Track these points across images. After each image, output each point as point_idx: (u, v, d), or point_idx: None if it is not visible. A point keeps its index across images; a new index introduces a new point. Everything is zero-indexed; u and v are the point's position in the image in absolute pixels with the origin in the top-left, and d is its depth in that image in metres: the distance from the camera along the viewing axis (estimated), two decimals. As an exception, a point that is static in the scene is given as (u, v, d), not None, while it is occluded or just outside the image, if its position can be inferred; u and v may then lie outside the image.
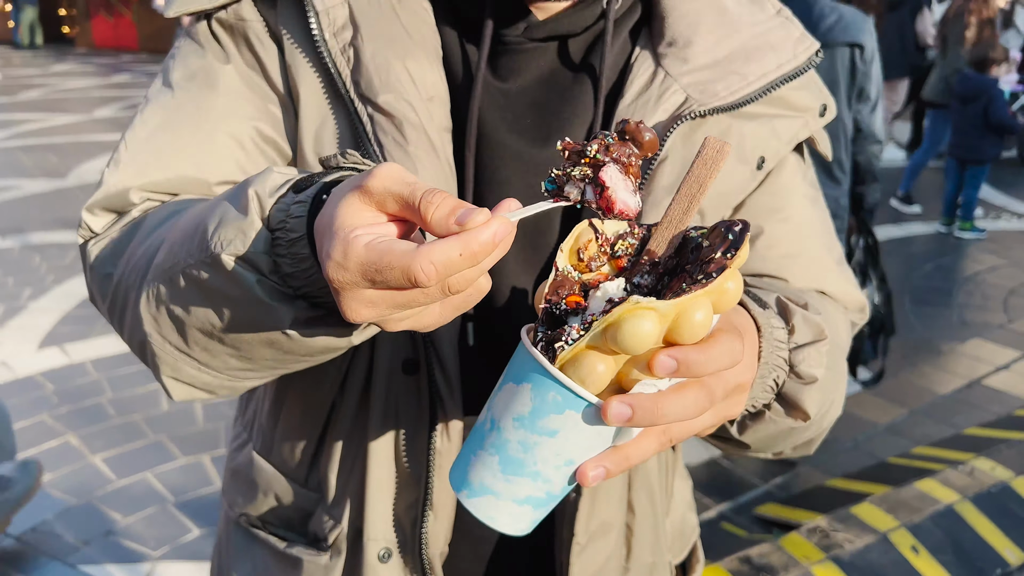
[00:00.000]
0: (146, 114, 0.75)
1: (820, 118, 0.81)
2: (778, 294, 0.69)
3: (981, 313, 4.46)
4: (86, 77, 12.97)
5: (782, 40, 0.77)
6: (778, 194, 0.81)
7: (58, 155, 7.65)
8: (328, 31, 0.70)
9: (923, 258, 5.30)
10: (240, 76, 0.74)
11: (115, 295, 0.69)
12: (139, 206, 0.73)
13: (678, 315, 0.47)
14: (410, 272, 0.44)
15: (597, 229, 0.55)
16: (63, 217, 5.81)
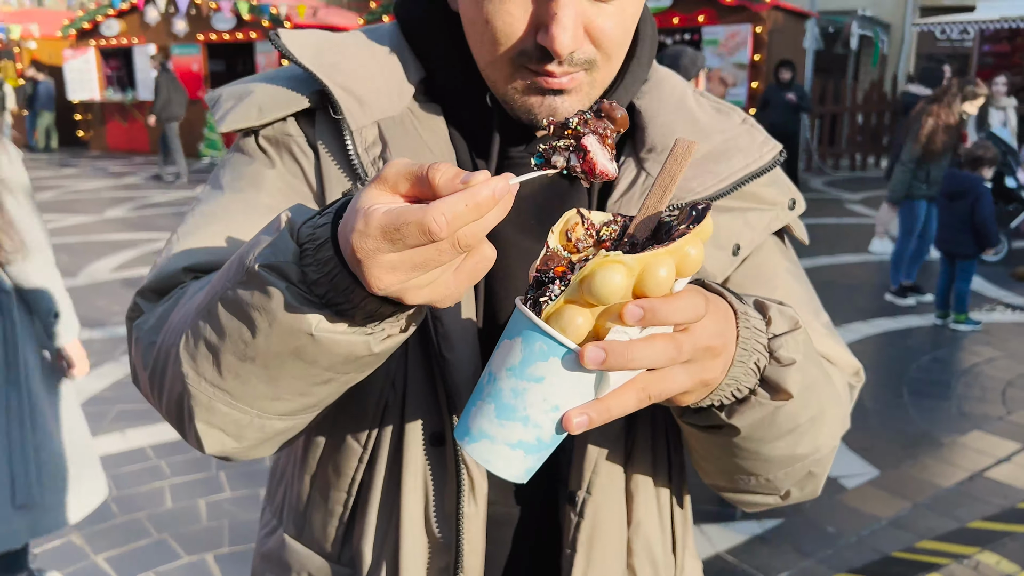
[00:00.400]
0: (196, 211, 0.85)
1: (790, 211, 0.92)
2: (755, 297, 0.74)
3: (980, 405, 4.49)
4: (98, 178, 13.35)
5: (748, 144, 0.88)
6: (761, 270, 0.90)
7: (69, 254, 7.82)
8: (361, 147, 0.81)
9: (920, 351, 5.36)
10: (282, 180, 0.85)
11: (157, 358, 0.74)
12: (184, 283, 0.80)
13: (643, 270, 0.54)
14: (424, 223, 0.51)
15: (584, 216, 0.62)
16: (72, 315, 5.90)
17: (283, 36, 0.85)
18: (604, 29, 0.75)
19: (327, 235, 0.59)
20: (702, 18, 11.42)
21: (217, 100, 0.89)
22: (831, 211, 10.17)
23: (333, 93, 0.81)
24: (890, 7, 19.58)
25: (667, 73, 0.95)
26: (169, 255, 0.82)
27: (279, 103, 0.84)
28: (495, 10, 0.74)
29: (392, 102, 0.84)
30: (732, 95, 11.56)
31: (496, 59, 0.77)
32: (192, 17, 15.76)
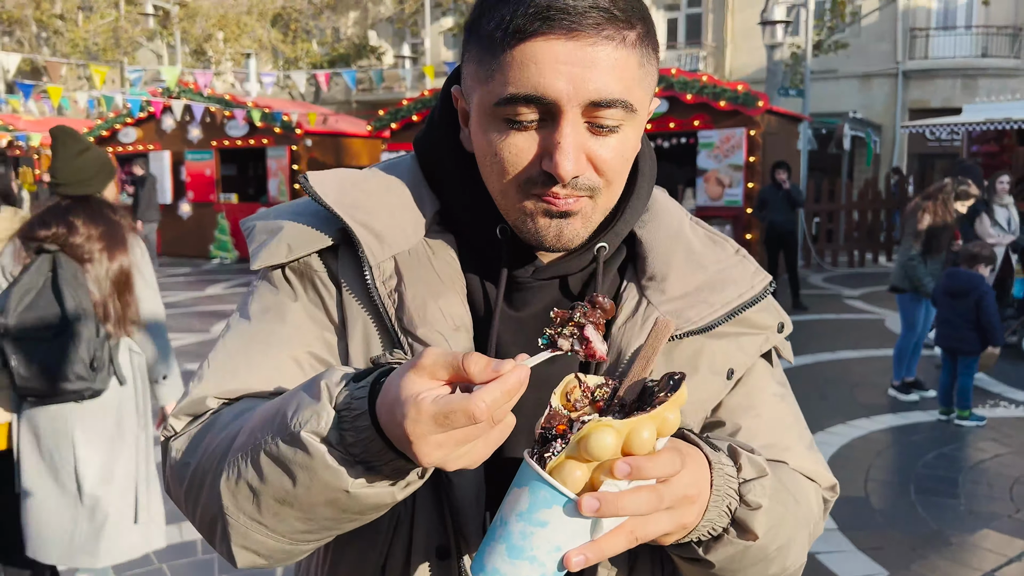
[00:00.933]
0: (227, 339, 0.94)
1: (779, 333, 0.99)
2: (730, 442, 0.84)
3: (988, 503, 4.46)
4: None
5: (741, 274, 0.96)
6: (750, 395, 0.97)
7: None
8: (379, 280, 0.89)
9: (926, 447, 5.35)
10: (305, 311, 0.93)
11: (192, 479, 0.84)
12: (214, 408, 0.90)
13: (630, 432, 0.66)
14: (469, 410, 0.63)
15: (581, 380, 0.75)
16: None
17: (311, 179, 0.93)
18: (605, 158, 0.83)
19: (364, 407, 0.70)
20: (697, 122, 11.83)
21: (251, 232, 0.97)
22: (831, 307, 10.27)
23: (355, 232, 0.89)
24: (880, 109, 20.25)
25: (665, 203, 1.02)
26: (200, 382, 0.91)
27: (306, 241, 0.92)
28: (504, 144, 0.82)
29: (408, 236, 0.91)
30: (728, 195, 11.85)
31: (506, 186, 0.85)
32: (206, 124, 16.35)
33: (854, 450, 5.25)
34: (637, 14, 0.82)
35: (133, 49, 25.03)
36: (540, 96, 0.79)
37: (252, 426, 0.78)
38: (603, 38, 0.79)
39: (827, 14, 17.12)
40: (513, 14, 0.79)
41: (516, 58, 0.79)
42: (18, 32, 25.91)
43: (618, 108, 0.81)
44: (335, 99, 24.93)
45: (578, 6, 0.78)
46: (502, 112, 0.82)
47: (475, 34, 0.85)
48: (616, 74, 0.80)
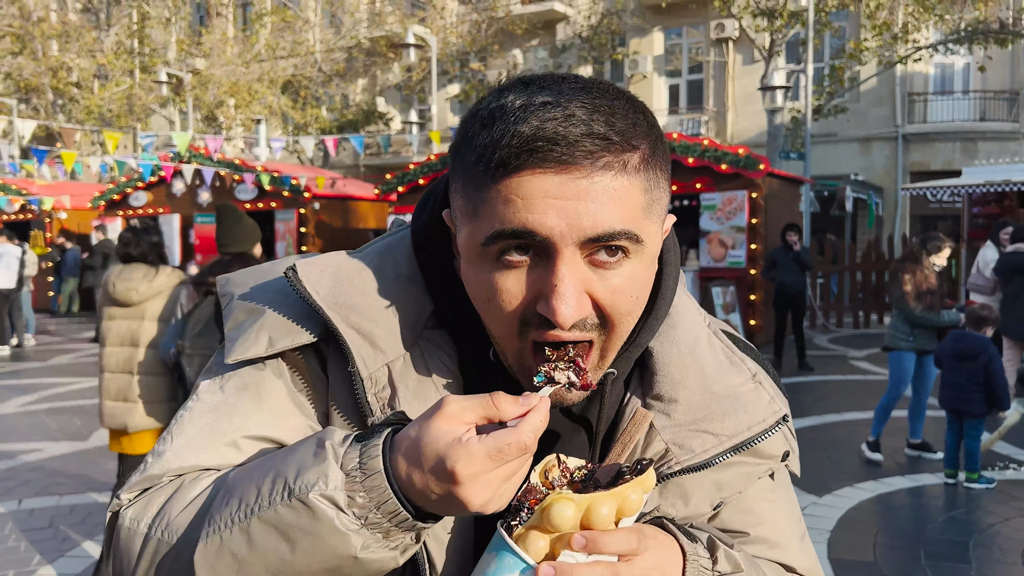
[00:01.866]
0: (194, 412, 0.84)
1: (781, 462, 0.92)
2: (710, 534, 0.84)
3: (1000, 568, 4.37)
4: (115, 342, 13.60)
5: (754, 403, 0.88)
6: (749, 508, 0.92)
7: (82, 418, 7.90)
8: (371, 393, 0.81)
9: (935, 510, 5.27)
10: (290, 398, 0.85)
11: (155, 552, 0.75)
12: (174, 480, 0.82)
13: (589, 507, 0.70)
14: (522, 442, 0.66)
15: (562, 460, 0.77)
16: (81, 479, 5.91)
17: (300, 271, 0.85)
18: (609, 300, 0.75)
19: (380, 467, 0.69)
20: (699, 185, 11.98)
21: (229, 305, 0.89)
22: (836, 368, 10.22)
23: (346, 341, 0.82)
24: (880, 172, 20.47)
25: (684, 311, 0.93)
26: (159, 458, 0.82)
27: (289, 334, 0.84)
28: (495, 285, 0.75)
29: (404, 340, 0.84)
30: (732, 256, 11.92)
31: (501, 330, 0.78)
32: (216, 188, 16.61)
33: (862, 513, 5.17)
34: (641, 132, 0.74)
35: (146, 115, 25.60)
36: (531, 231, 0.71)
37: (240, 490, 0.72)
38: (600, 168, 0.71)
39: (826, 79, 17.47)
40: (496, 146, 0.71)
41: (502, 193, 0.72)
42: (34, 99, 26.56)
43: (622, 240, 0.72)
44: (343, 163, 25.35)
45: (569, 135, 0.70)
46: (492, 250, 0.74)
47: (459, 163, 0.77)
48: (616, 205, 0.71)
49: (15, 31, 25.50)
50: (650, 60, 22.46)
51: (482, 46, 22.72)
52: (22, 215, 19.13)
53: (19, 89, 26.28)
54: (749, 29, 17.48)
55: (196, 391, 0.87)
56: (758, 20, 16.83)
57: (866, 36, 17.42)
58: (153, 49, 25.58)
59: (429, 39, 18.39)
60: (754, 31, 17.19)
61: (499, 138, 0.71)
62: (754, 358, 0.93)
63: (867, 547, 4.62)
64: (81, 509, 5.28)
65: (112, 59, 24.40)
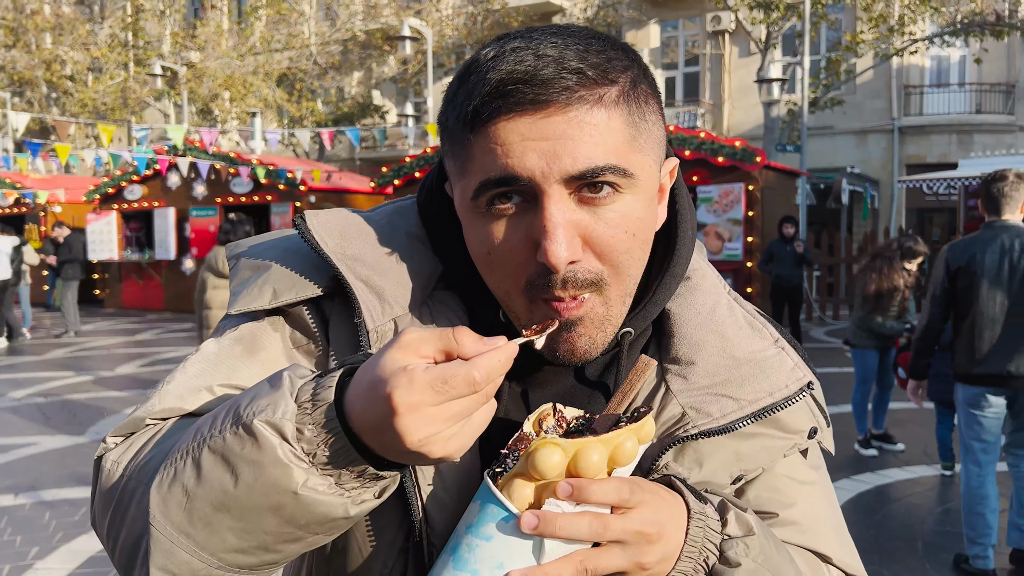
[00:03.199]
0: (187, 363, 0.84)
1: (810, 439, 0.85)
2: (723, 498, 0.78)
3: (997, 559, 4.38)
4: (111, 336, 13.59)
5: (776, 369, 0.83)
6: (777, 485, 0.86)
7: (78, 412, 7.88)
8: (375, 347, 0.78)
9: (933, 502, 5.28)
10: (285, 353, 0.84)
11: (122, 494, 0.73)
12: (152, 424, 0.81)
13: (577, 452, 0.65)
14: (470, 375, 0.60)
15: (558, 409, 0.72)
16: (76, 473, 5.90)
17: (308, 220, 0.84)
18: (603, 237, 0.72)
19: (330, 398, 0.64)
20: (696, 178, 11.98)
21: (236, 267, 0.88)
22: (833, 361, 10.24)
23: (354, 291, 0.80)
24: (876, 165, 20.49)
25: (703, 275, 0.90)
26: (146, 402, 0.81)
27: (295, 287, 0.82)
28: (490, 239, 0.73)
29: (414, 296, 0.82)
30: (728, 249, 11.93)
31: (510, 290, 0.76)
32: (211, 182, 16.56)
33: (860, 504, 5.18)
34: (619, 66, 0.72)
35: (141, 109, 25.49)
36: (513, 176, 0.70)
37: (199, 428, 0.69)
38: (575, 102, 0.69)
39: (822, 72, 17.46)
40: (469, 97, 0.71)
41: (481, 143, 0.71)
42: (28, 93, 26.44)
43: (608, 175, 0.70)
44: (339, 157, 25.29)
45: (539, 74, 0.68)
46: (481, 203, 0.73)
47: (444, 127, 0.77)
48: (597, 139, 0.69)
49: (8, 24, 25.36)
50: (646, 53, 22.42)
51: (478, 39, 22.63)
52: (16, 209, 19.05)
53: (12, 82, 26.16)
54: (745, 21, 17.46)
55: (209, 339, 0.87)
56: (754, 12, 16.80)
57: (862, 28, 17.41)
58: (147, 42, 25.46)
59: (425, 31, 18.34)
60: (750, 23, 17.17)
61: (472, 89, 0.71)
62: (775, 327, 0.89)
63: (865, 539, 4.62)
64: (77, 503, 5.27)
65: (106, 52, 24.29)
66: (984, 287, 3.95)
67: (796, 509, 0.86)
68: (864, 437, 6.31)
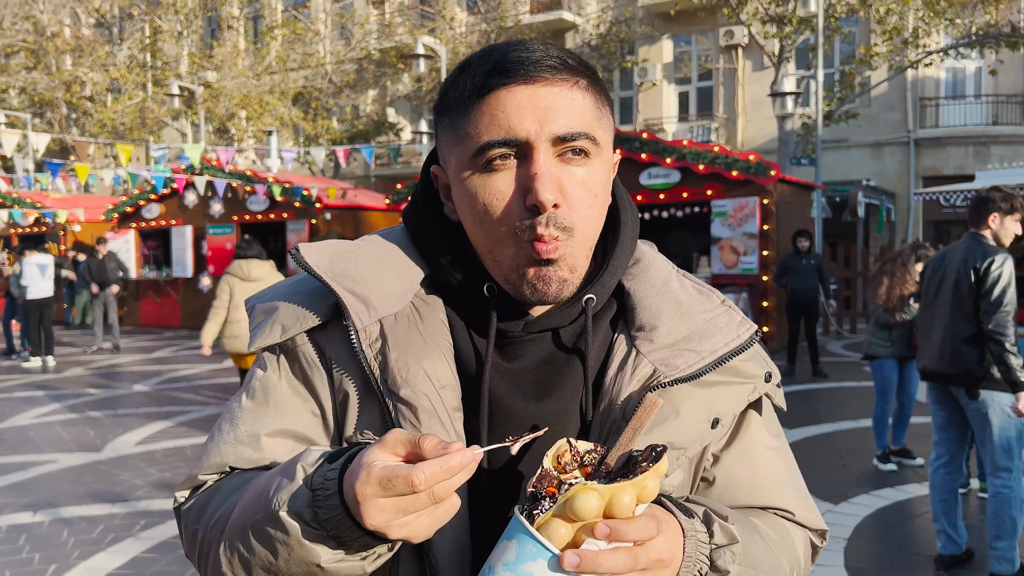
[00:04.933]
0: (222, 424, 1.01)
1: (767, 383, 1.01)
2: (706, 508, 0.90)
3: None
4: (129, 353, 13.69)
5: (727, 324, 0.99)
6: (746, 449, 1.02)
7: (95, 429, 7.93)
8: (365, 343, 0.93)
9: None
10: (290, 388, 0.98)
11: (201, 547, 0.92)
12: (209, 480, 1.00)
13: (612, 497, 0.73)
14: (409, 478, 0.70)
15: (572, 444, 0.80)
16: (94, 490, 5.93)
17: (302, 251, 0.99)
18: (574, 189, 0.88)
19: (335, 487, 0.77)
20: (710, 192, 11.95)
21: (251, 313, 1.03)
22: (851, 375, 10.15)
23: (342, 298, 0.94)
24: (893, 177, 20.38)
25: (652, 256, 1.06)
26: (202, 460, 1.00)
27: (298, 320, 0.97)
28: (486, 189, 0.89)
29: (396, 300, 0.96)
30: (744, 263, 11.88)
31: (499, 237, 0.90)
32: (228, 200, 16.70)
33: (880, 520, 5.12)
34: (588, 70, 0.92)
35: (159, 128, 25.78)
36: (512, 138, 0.87)
37: (244, 503, 0.86)
38: (559, 80, 0.88)
39: (836, 85, 17.41)
40: (474, 75, 0.89)
41: (484, 110, 0.88)
42: (49, 113, 26.82)
43: (582, 140, 0.88)
44: (354, 174, 25.45)
45: (531, 56, 0.88)
46: (480, 161, 0.88)
47: (444, 107, 0.93)
48: (576, 111, 0.88)
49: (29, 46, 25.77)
50: (659, 68, 22.47)
51: (491, 56, 22.68)
52: (36, 228, 19.29)
53: (33, 103, 26.54)
54: (758, 36, 17.46)
55: (233, 399, 1.03)
56: (767, 27, 16.81)
57: (876, 41, 17.36)
58: (165, 62, 25.78)
59: (439, 49, 18.47)
60: (763, 38, 17.18)
61: (475, 71, 0.89)
62: (719, 293, 1.05)
63: (885, 555, 4.57)
64: (95, 520, 5.29)
65: (125, 73, 24.61)
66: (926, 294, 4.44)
67: (763, 472, 1.01)
68: (883, 452, 6.24)
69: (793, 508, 1.02)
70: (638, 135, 12.42)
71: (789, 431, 7.29)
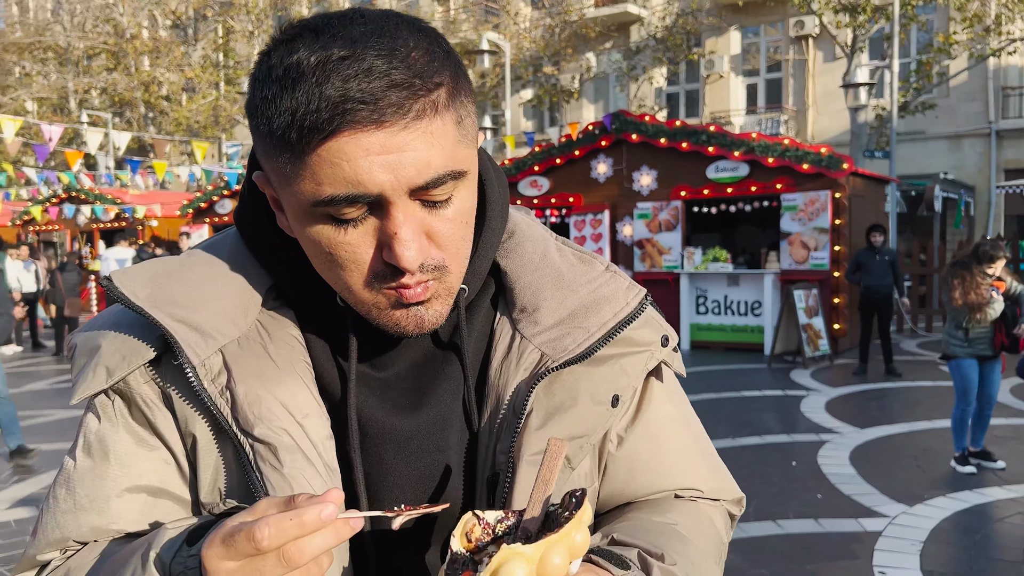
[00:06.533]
0: (55, 489, 0.85)
1: (664, 348, 0.92)
2: (639, 549, 0.82)
3: (1110, 585, 4.12)
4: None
5: (614, 292, 0.89)
6: (649, 426, 0.94)
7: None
8: (206, 380, 0.79)
9: (1037, 523, 5.01)
10: (132, 437, 0.83)
11: None
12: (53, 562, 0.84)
13: (541, 557, 0.63)
14: (251, 531, 0.59)
15: (480, 517, 0.70)
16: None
17: (115, 279, 0.84)
18: (444, 232, 0.76)
19: (196, 564, 0.66)
20: (780, 185, 11.71)
21: (73, 354, 0.87)
22: (926, 374, 9.83)
23: (170, 332, 0.80)
24: (972, 170, 19.64)
25: (526, 228, 0.95)
26: (33, 539, 0.85)
27: (125, 358, 0.82)
28: (335, 243, 0.75)
29: (237, 322, 0.83)
30: (815, 258, 11.61)
31: (350, 287, 0.77)
32: (297, 195, 17.05)
33: (957, 524, 4.95)
34: (440, 65, 0.73)
35: (231, 126, 26.51)
36: (363, 194, 0.71)
37: None
38: (411, 117, 0.70)
39: (912, 75, 16.85)
40: (306, 110, 0.69)
41: (323, 156, 0.70)
42: (128, 113, 27.84)
43: (447, 181, 0.74)
44: (419, 169, 25.70)
45: (374, 91, 0.69)
46: (323, 211, 0.73)
47: (260, 125, 0.74)
48: (435, 148, 0.72)
49: (110, 48, 26.79)
50: (726, 60, 22.09)
51: (555, 50, 22.72)
52: (117, 223, 20.05)
53: (113, 103, 27.60)
54: (830, 25, 17.02)
55: (66, 458, 0.87)
56: (840, 16, 16.36)
57: (955, 29, 16.74)
58: (237, 62, 26.49)
59: (503, 45, 18.51)
60: (835, 27, 16.73)
61: (306, 102, 0.69)
62: (601, 258, 0.95)
63: (964, 559, 4.42)
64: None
65: (199, 73, 25.38)
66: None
67: (669, 449, 0.94)
68: (961, 454, 6.03)
69: (702, 485, 0.96)
70: (705, 128, 12.24)
71: (861, 429, 7.12)
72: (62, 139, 25.31)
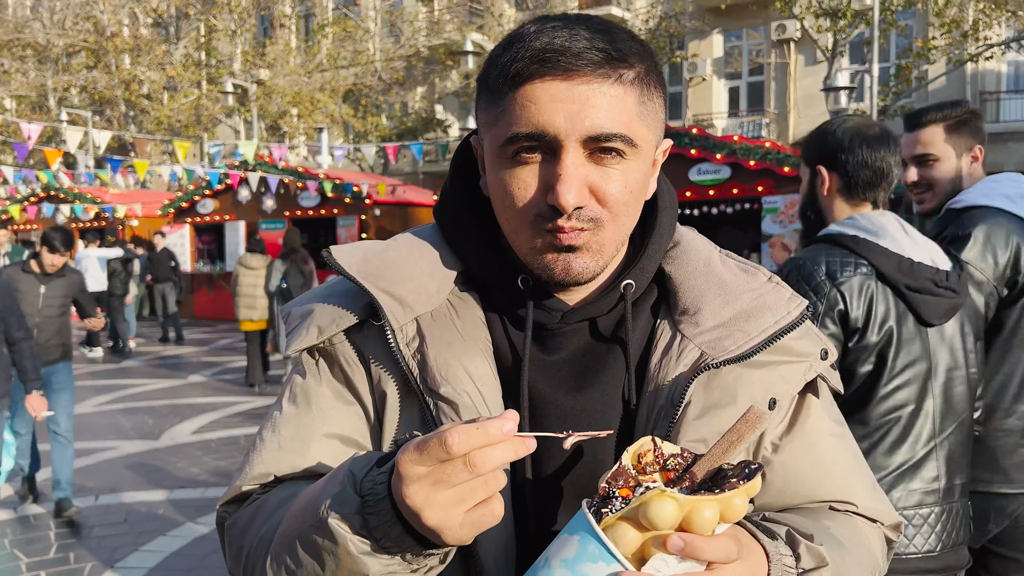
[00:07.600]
0: (262, 432, 0.98)
1: (823, 361, 0.96)
2: (788, 527, 0.83)
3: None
4: (185, 345, 14.03)
5: (776, 301, 0.94)
6: (808, 438, 0.96)
7: (153, 417, 8.16)
8: (402, 343, 0.91)
9: None
10: (332, 391, 0.95)
11: (246, 564, 0.88)
12: (255, 493, 0.95)
13: (691, 509, 0.65)
14: (444, 439, 0.65)
15: (657, 444, 0.73)
16: (153, 477, 6.11)
17: (334, 253, 0.96)
18: (608, 190, 0.84)
19: (385, 491, 0.72)
20: (761, 188, 11.80)
21: (287, 318, 1.00)
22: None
23: (376, 298, 0.91)
24: (951, 174, 19.74)
25: (692, 239, 1.01)
26: (240, 473, 0.96)
27: (334, 320, 0.94)
28: (512, 179, 0.85)
29: (431, 298, 0.93)
30: (795, 261, 11.69)
31: (518, 223, 0.87)
32: (280, 195, 16.99)
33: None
34: (637, 55, 0.85)
35: (213, 125, 26.33)
36: (540, 132, 0.82)
37: (291, 515, 0.82)
38: (599, 76, 0.82)
39: (892, 80, 17.03)
40: (513, 59, 0.84)
41: (517, 100, 0.83)
42: (108, 111, 27.58)
43: (617, 142, 0.83)
44: (402, 170, 25.67)
45: (573, 47, 0.81)
46: (509, 151, 0.85)
47: (484, 83, 0.89)
48: (613, 110, 0.82)
49: (90, 46, 26.53)
50: (709, 63, 22.22)
51: (539, 52, 22.63)
52: (96, 223, 19.86)
53: (94, 101, 27.33)
54: (811, 30, 17.16)
55: (273, 407, 1.00)
56: (821, 20, 16.51)
57: (934, 34, 16.92)
58: (219, 61, 26.32)
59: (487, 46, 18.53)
60: (816, 32, 16.87)
61: (515, 54, 0.83)
62: (765, 270, 1.00)
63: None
64: (153, 505, 5.46)
65: (181, 71, 25.18)
66: None
67: (827, 462, 0.96)
68: None
69: (859, 501, 0.96)
70: (688, 130, 12.32)
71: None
72: (41, 137, 25.06)
